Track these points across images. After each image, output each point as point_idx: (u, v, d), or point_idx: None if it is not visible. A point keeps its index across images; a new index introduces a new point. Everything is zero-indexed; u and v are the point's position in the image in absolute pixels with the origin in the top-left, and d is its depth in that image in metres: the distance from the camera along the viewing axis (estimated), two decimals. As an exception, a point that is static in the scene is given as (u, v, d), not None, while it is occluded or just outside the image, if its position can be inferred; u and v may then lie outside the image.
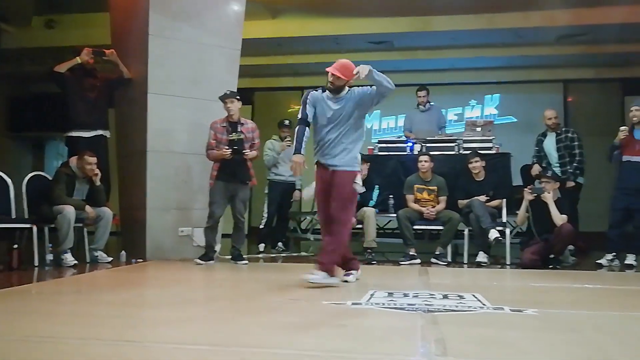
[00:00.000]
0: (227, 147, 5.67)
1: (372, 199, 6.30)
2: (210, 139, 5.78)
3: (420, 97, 7.76)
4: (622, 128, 5.90)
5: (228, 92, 5.79)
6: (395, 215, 6.40)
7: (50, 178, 5.89)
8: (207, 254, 5.79)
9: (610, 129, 8.70)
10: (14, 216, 5.57)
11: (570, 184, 6.57)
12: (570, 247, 6.18)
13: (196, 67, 6.40)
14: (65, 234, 5.39)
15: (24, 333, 2.59)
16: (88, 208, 5.67)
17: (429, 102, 7.81)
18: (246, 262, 5.88)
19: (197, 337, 2.62)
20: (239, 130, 5.79)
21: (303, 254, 7.22)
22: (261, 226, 7.43)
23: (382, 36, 9.36)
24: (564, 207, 5.83)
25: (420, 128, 7.66)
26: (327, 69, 4.12)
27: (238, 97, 5.80)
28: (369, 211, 6.15)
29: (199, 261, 5.69)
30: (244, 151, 5.74)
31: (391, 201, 6.69)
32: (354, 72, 3.96)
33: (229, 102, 5.74)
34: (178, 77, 6.26)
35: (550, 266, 5.77)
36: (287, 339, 2.57)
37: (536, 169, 6.64)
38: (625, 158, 5.93)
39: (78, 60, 6.20)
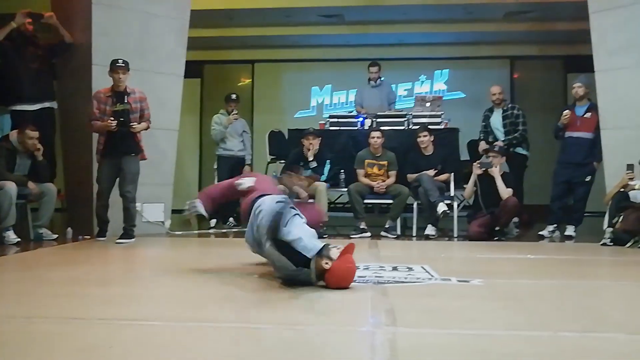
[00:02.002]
0: (112, 119, 5.33)
1: (323, 174, 6.33)
2: (93, 108, 5.43)
3: (372, 72, 7.78)
4: (564, 112, 6.11)
5: (120, 61, 5.39)
6: (346, 189, 6.45)
7: (-11, 153, 5.64)
8: (104, 231, 5.55)
9: (554, 105, 9.01)
10: (-50, 192, 5.33)
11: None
12: (515, 219, 6.39)
13: (142, 38, 6.20)
14: (7, 210, 5.20)
15: (-35, 313, 2.51)
16: (30, 184, 5.48)
17: (380, 78, 7.86)
18: (127, 242, 5.37)
19: (147, 313, 2.59)
20: (125, 100, 5.43)
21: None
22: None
23: (333, 10, 9.29)
24: (510, 181, 6.01)
25: (371, 104, 7.70)
26: None
27: (129, 69, 5.43)
28: (321, 186, 6.17)
29: (99, 239, 5.50)
30: (131, 123, 5.39)
31: (342, 176, 6.73)
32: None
33: (121, 72, 5.38)
34: (123, 48, 6.02)
35: (496, 238, 5.95)
36: (240, 312, 2.58)
37: (483, 145, 6.79)
38: (567, 134, 6.15)
39: (13, 24, 5.87)
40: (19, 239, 5.28)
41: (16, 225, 5.36)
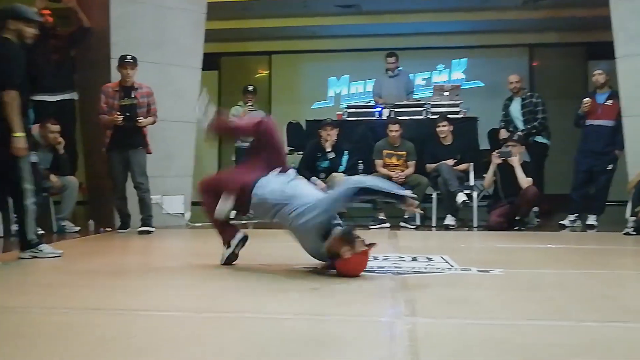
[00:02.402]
0: (119, 113, 5.43)
1: (341, 165, 6.32)
2: (101, 103, 5.53)
3: (389, 63, 7.72)
4: (585, 100, 6.02)
5: (129, 57, 5.49)
6: (364, 180, 6.44)
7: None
8: (126, 223, 5.67)
9: (574, 92, 8.88)
10: (-25, 186, 5.41)
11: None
12: (535, 209, 6.33)
13: (159, 31, 6.23)
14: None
15: (-9, 304, 2.55)
16: (52, 177, 5.56)
17: (398, 68, 7.80)
18: (147, 230, 5.50)
19: (166, 304, 2.61)
20: (132, 95, 5.53)
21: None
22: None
23: (349, 0, 9.26)
24: (530, 170, 5.95)
25: (389, 93, 7.65)
26: None
27: (137, 64, 5.52)
28: (339, 177, 6.17)
29: (120, 231, 5.61)
30: (137, 118, 5.48)
31: (360, 166, 6.71)
32: None
33: (129, 68, 5.47)
34: (140, 40, 6.06)
35: (516, 228, 5.90)
36: (260, 303, 2.59)
37: (503, 134, 6.72)
38: (588, 122, 6.07)
39: (34, 9, 5.93)
40: (42, 232, 5.35)
41: (39, 218, 5.44)
